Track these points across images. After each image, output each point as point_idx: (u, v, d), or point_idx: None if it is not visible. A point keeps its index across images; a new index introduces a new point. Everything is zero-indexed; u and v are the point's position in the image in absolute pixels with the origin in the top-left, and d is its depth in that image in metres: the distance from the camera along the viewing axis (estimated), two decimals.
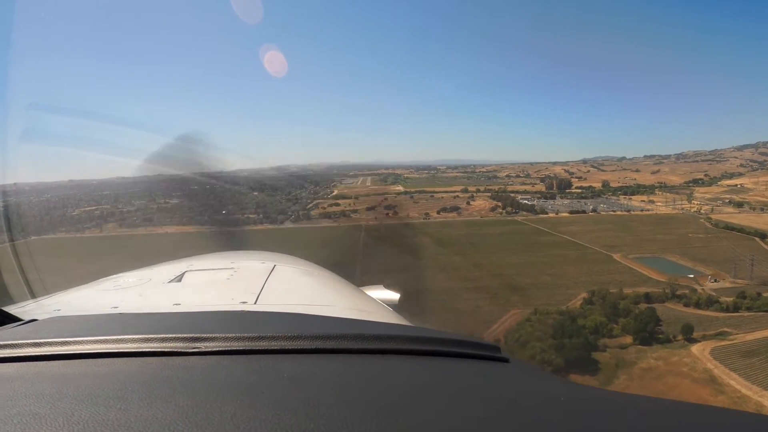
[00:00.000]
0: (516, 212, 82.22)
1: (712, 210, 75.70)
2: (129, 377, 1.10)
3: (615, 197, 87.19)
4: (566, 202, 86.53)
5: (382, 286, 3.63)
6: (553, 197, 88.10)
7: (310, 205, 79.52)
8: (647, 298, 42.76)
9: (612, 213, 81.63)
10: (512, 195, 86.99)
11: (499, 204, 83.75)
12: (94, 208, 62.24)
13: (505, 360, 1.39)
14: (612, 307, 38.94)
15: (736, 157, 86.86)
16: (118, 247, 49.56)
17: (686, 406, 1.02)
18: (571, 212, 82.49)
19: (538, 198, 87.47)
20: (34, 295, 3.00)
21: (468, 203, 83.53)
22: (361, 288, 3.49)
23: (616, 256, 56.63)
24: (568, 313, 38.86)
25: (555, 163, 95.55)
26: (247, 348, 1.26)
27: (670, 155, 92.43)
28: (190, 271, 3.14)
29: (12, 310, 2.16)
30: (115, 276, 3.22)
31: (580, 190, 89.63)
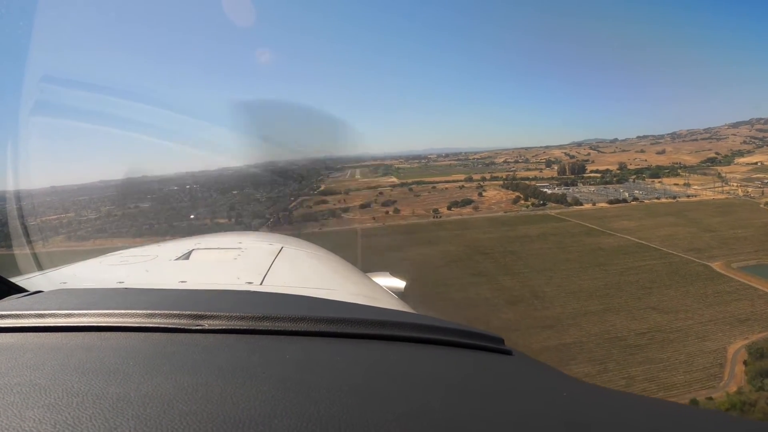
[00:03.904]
0: (543, 204, 69.14)
1: (763, 194, 65.97)
2: (131, 352, 1.10)
3: (642, 181, 75.80)
4: (592, 188, 74.79)
5: (388, 273, 3.62)
6: (573, 183, 76.31)
7: (293, 203, 65.92)
8: None
9: (657, 201, 68.65)
10: (526, 183, 75.06)
11: (520, 195, 70.99)
12: (54, 217, 53.78)
13: (508, 352, 1.37)
14: None
15: (735, 135, 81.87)
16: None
17: (690, 408, 1.11)
18: (610, 202, 69.04)
19: (557, 185, 75.20)
20: (40, 267, 2.97)
21: (480, 195, 70.13)
22: (367, 274, 3.43)
23: (716, 266, 40.55)
24: (748, 405, 21.77)
25: (549, 147, 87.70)
26: (251, 328, 1.25)
27: (664, 135, 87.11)
28: (198, 249, 3.14)
29: (18, 281, 2.13)
30: (121, 251, 3.27)
31: (599, 175, 78.53)
